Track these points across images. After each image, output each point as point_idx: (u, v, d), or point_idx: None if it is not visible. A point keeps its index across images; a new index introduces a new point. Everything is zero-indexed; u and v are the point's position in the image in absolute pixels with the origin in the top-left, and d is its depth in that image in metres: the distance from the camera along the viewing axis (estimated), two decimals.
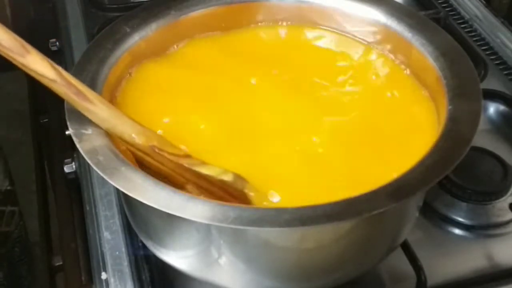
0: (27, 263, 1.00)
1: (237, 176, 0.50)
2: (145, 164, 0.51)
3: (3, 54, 0.46)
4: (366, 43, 0.64)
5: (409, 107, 0.59)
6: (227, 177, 0.50)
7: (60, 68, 0.48)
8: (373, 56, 0.64)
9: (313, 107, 0.59)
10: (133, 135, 0.50)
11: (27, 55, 0.46)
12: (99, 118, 0.49)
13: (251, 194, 0.50)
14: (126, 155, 0.49)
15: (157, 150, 0.50)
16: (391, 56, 0.63)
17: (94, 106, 0.49)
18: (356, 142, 0.56)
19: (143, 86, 0.59)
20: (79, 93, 0.48)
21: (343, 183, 0.52)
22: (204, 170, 0.50)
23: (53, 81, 0.47)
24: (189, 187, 0.51)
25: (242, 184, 0.50)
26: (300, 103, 0.59)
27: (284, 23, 0.66)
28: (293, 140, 0.55)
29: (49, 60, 0.48)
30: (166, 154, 0.50)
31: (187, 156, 0.51)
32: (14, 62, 0.46)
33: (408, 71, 0.61)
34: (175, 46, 0.64)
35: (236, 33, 0.66)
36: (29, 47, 0.47)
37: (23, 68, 0.46)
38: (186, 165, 0.50)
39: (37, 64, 0.47)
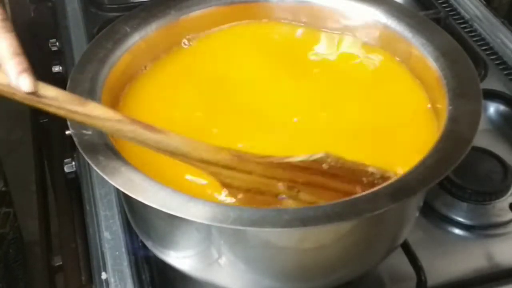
0: (22, 264, 1.00)
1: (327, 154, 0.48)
2: (234, 184, 0.49)
3: (63, 111, 0.46)
4: (365, 42, 0.64)
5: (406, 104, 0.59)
6: (317, 156, 0.48)
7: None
8: (371, 55, 0.64)
9: (315, 102, 0.60)
10: (210, 155, 0.48)
11: (86, 105, 0.46)
12: (171, 147, 0.48)
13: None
14: (126, 154, 0.49)
15: (242, 156, 0.48)
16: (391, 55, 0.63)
17: (165, 136, 0.47)
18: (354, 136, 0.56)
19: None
20: (147, 126, 0.47)
21: None
22: (294, 159, 0.48)
23: (120, 121, 0.47)
24: (282, 188, 0.49)
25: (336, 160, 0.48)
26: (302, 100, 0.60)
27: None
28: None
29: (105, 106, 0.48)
30: (251, 157, 0.49)
31: (270, 156, 0.49)
32: (75, 116, 0.46)
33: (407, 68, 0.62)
34: (182, 44, 0.64)
35: (236, 31, 0.66)
36: (84, 99, 0.47)
37: (86, 119, 0.46)
38: (276, 161, 0.48)
39: (98, 110, 0.47)
